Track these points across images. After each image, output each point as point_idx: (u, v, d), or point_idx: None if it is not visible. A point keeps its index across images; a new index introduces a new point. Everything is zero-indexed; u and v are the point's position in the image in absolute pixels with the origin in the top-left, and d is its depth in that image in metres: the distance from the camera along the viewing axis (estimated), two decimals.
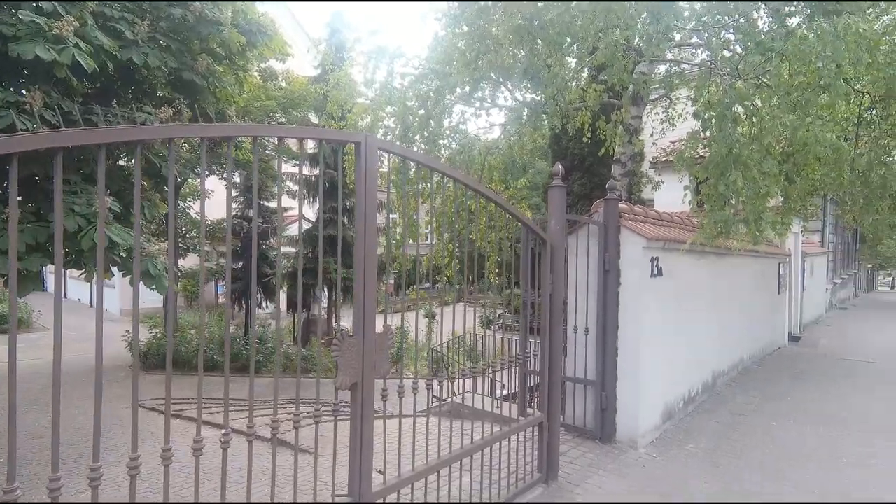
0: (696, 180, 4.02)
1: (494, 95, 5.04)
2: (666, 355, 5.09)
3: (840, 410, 6.12)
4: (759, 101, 3.76)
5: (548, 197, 3.56)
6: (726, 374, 7.29)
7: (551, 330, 3.57)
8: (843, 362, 9.32)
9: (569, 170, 9.82)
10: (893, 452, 4.76)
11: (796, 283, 12.11)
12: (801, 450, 4.78)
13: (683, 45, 4.54)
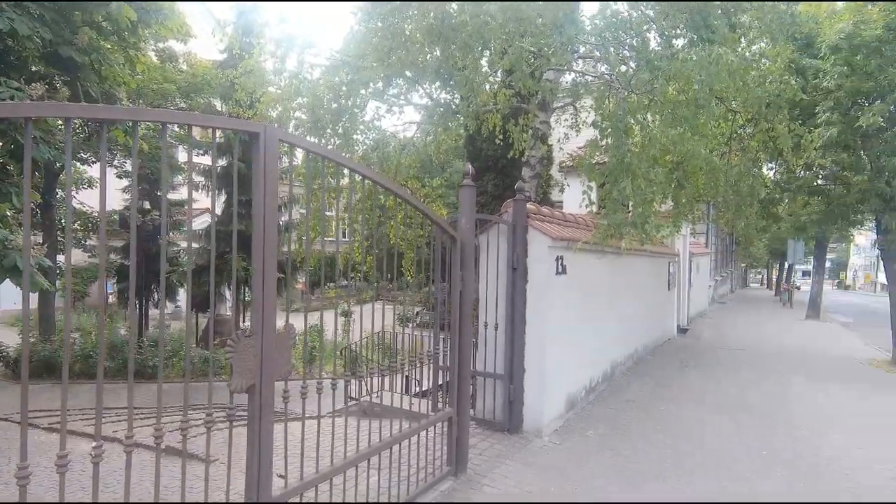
0: (595, 185, 4.33)
1: (409, 93, 5.05)
2: (569, 348, 5.40)
3: (715, 392, 6.88)
4: (650, 115, 4.13)
5: (458, 196, 3.64)
6: (623, 364, 7.89)
7: (461, 326, 3.65)
8: (721, 350, 10.49)
9: (483, 170, 10.10)
10: (750, 427, 5.44)
11: (684, 280, 13.39)
12: (681, 427, 5.30)
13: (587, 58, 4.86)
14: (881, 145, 7.99)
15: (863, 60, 7.62)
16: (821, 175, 9.46)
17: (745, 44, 5.69)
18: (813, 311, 17.66)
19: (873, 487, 4.04)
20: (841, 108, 8.11)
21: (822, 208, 9.33)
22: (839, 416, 6.06)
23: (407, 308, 9.76)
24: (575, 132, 6.30)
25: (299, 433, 2.54)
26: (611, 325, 7.09)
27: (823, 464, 4.50)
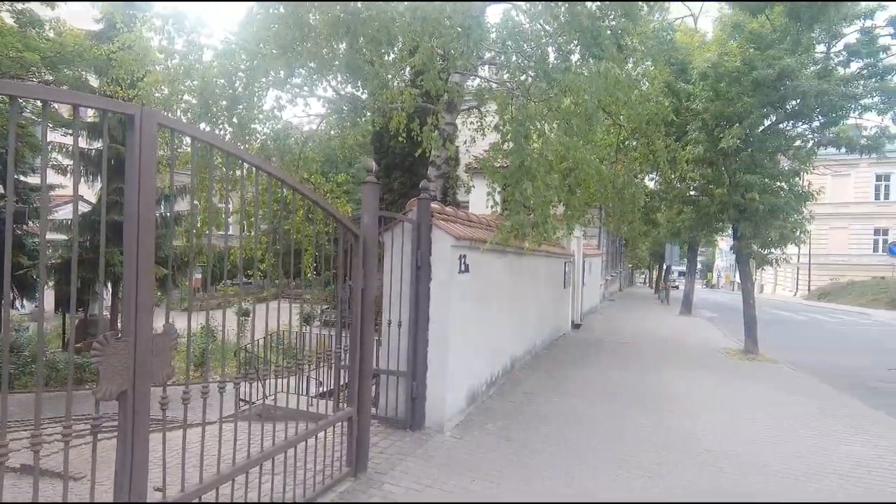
0: (498, 187, 4.52)
1: (313, 84, 4.88)
2: (472, 344, 5.57)
3: (602, 382, 7.49)
4: (547, 123, 4.41)
5: (362, 193, 3.59)
6: (522, 359, 8.31)
7: (362, 324, 3.62)
8: (610, 343, 11.43)
9: (390, 168, 10.08)
10: (631, 413, 6.00)
11: (578, 279, 14.40)
12: (573, 417, 5.70)
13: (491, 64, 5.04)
14: (738, 163, 9.26)
15: (725, 88, 8.76)
16: (692, 187, 10.73)
17: (631, 64, 6.28)
18: (685, 308, 19.88)
19: (726, 457, 4.65)
20: (707, 129, 9.26)
21: (693, 216, 10.60)
22: (702, 399, 6.87)
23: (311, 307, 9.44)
24: (481, 135, 6.53)
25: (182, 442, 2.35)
26: (511, 322, 7.42)
27: (689, 442, 5.08)
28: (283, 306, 3.24)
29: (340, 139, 6.60)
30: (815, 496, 3.95)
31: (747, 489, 4.03)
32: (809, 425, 5.80)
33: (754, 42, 8.22)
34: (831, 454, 4.88)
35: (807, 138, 9.66)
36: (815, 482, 4.21)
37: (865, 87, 8.59)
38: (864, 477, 4.37)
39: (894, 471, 4.52)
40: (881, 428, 5.80)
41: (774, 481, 4.20)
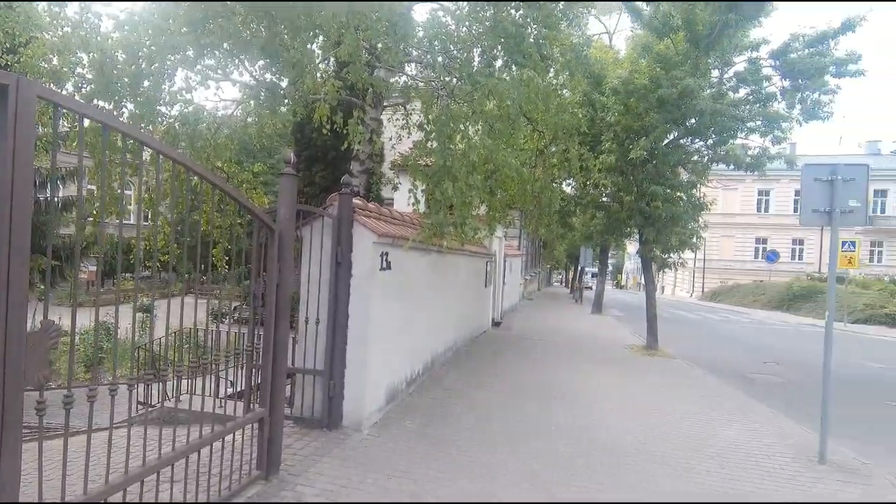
0: (420, 185, 4.54)
1: (226, 67, 4.58)
2: (392, 341, 5.55)
3: (519, 377, 7.80)
4: (471, 124, 4.50)
5: (279, 185, 3.45)
6: (443, 356, 8.42)
7: (277, 321, 3.48)
8: (528, 341, 11.90)
9: (311, 160, 9.78)
10: (544, 406, 6.30)
11: (499, 278, 14.85)
12: (490, 411, 5.87)
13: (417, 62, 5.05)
14: (644, 174, 10.07)
15: (635, 103, 9.48)
16: (604, 194, 11.49)
17: (552, 74, 6.58)
18: (596, 307, 21.17)
19: (629, 445, 5.01)
20: (618, 140, 9.98)
21: (605, 221, 11.37)
22: (608, 393, 7.36)
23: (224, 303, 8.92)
24: (407, 133, 6.53)
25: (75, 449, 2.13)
26: (433, 319, 7.49)
27: (597, 433, 5.42)
28: (191, 302, 3.04)
29: (258, 127, 6.28)
30: (700, 478, 4.37)
31: (647, 475, 4.38)
32: (696, 413, 6.41)
33: (660, 62, 8.97)
34: (714, 438, 5.43)
35: (703, 154, 10.69)
36: (698, 464, 4.67)
37: (750, 112, 9.67)
38: (739, 458, 4.91)
39: (765, 452, 5.12)
40: (756, 415, 6.54)
41: (670, 466, 4.60)
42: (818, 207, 5.10)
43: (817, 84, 8.87)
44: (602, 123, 10.22)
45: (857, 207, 5.03)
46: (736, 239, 41.53)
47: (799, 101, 9.24)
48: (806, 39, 8.98)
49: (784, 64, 9.18)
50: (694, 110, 8.82)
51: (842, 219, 5.05)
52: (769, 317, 25.19)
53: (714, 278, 40.40)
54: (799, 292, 28.38)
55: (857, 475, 4.59)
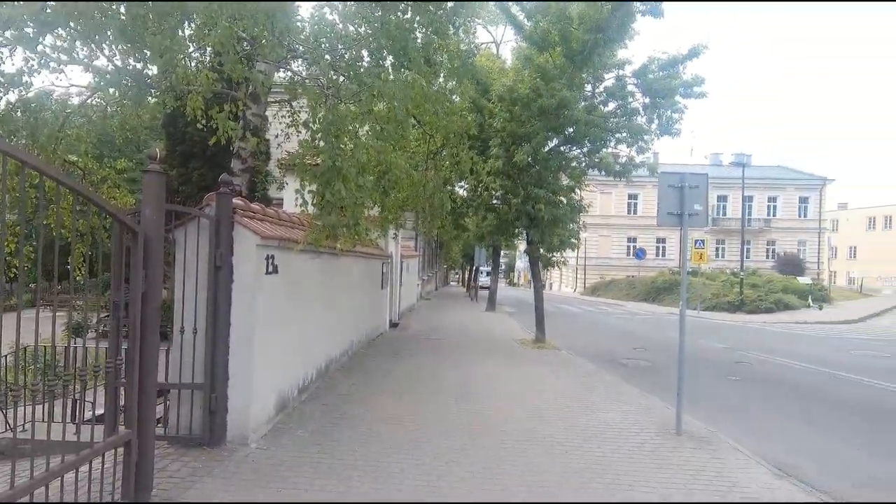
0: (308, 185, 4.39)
1: (74, 49, 3.97)
2: (281, 348, 5.31)
3: (415, 376, 7.87)
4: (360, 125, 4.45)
5: (143, 183, 3.14)
6: (339, 360, 8.23)
7: (144, 333, 3.16)
8: (425, 340, 12.07)
9: (187, 157, 8.99)
10: (439, 403, 6.45)
11: (396, 279, 14.87)
12: (385, 413, 5.86)
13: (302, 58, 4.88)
14: (529, 178, 10.75)
15: (519, 111, 10.08)
16: (495, 196, 12.07)
17: (442, 79, 6.76)
18: (490, 305, 22.11)
19: (516, 433, 5.30)
20: (505, 145, 10.55)
21: (495, 222, 11.93)
22: (499, 384, 7.72)
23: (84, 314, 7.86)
24: (295, 132, 6.28)
25: None
26: (326, 323, 7.29)
27: (487, 424, 5.66)
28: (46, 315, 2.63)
29: (120, 118, 5.60)
30: (579, 456, 4.77)
31: (533, 457, 4.67)
32: (577, 398, 6.98)
33: (540, 74, 9.65)
34: (591, 420, 5.96)
35: (580, 160, 11.69)
36: (578, 444, 5.09)
37: (618, 124, 10.78)
38: (612, 435, 5.44)
39: (633, 428, 5.73)
40: (627, 395, 7.28)
41: (553, 447, 4.95)
42: (672, 210, 5.82)
43: (670, 103, 10.15)
44: (490, 129, 10.73)
45: (701, 210, 5.83)
46: (612, 238, 45.95)
47: (657, 117, 10.51)
48: (660, 63, 10.23)
49: (644, 83, 10.38)
50: (570, 120, 9.63)
51: (690, 220, 5.81)
52: (639, 308, 28.19)
53: (594, 274, 44.27)
54: (662, 285, 32.12)
55: (705, 442, 5.31)
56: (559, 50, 9.41)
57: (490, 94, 10.47)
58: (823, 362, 11.07)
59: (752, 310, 24.31)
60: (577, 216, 12.15)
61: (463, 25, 5.53)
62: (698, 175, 5.89)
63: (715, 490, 4.13)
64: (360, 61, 4.33)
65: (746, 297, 25.11)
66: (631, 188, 40.94)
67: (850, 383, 9.08)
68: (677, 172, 5.97)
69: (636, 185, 39.83)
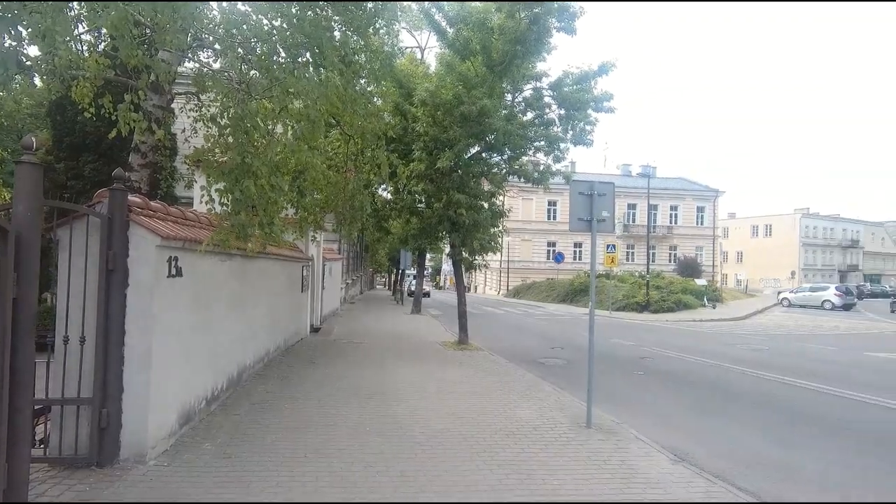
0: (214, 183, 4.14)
1: None
2: (185, 357, 4.96)
3: (336, 381, 7.67)
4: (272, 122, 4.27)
5: (15, 175, 2.79)
6: (253, 368, 7.84)
7: (16, 344, 2.81)
8: (347, 345, 11.81)
9: (78, 149, 8.12)
10: (358, 408, 6.34)
11: (318, 283, 14.46)
12: (301, 420, 5.66)
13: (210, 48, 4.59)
14: (451, 183, 10.92)
15: (441, 116, 10.22)
16: (418, 200, 12.11)
17: (364, 80, 6.68)
18: (416, 308, 22.14)
19: (433, 434, 5.34)
20: (428, 150, 10.65)
21: (419, 226, 11.99)
22: (421, 387, 7.73)
23: None
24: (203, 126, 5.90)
25: None
26: (239, 329, 6.92)
27: (405, 427, 5.64)
28: None
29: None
30: (497, 453, 4.89)
31: (452, 456, 4.71)
32: (496, 397, 7.17)
33: (462, 82, 9.86)
34: (508, 418, 6.14)
35: (501, 167, 12.05)
36: (496, 442, 5.23)
37: (536, 133, 11.26)
38: (528, 431, 5.64)
39: (548, 423, 5.98)
40: (543, 393, 7.58)
41: (472, 446, 5.04)
42: (582, 216, 6.17)
43: (583, 115, 10.78)
44: (413, 133, 10.77)
45: (608, 217, 6.24)
46: (533, 242, 47.87)
47: (571, 128, 11.11)
48: (574, 77, 10.84)
49: (559, 95, 10.93)
50: (491, 128, 9.91)
51: (599, 226, 6.19)
52: (558, 309, 29.52)
53: (516, 277, 45.81)
54: (579, 287, 33.89)
55: (612, 433, 5.67)
56: (480, 59, 9.67)
57: (413, 99, 10.52)
58: (715, 356, 12.22)
59: (657, 309, 26.33)
60: (498, 221, 12.50)
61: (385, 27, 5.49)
62: (606, 184, 6.29)
63: (621, 478, 4.41)
64: (273, 56, 4.15)
65: (652, 297, 27.16)
66: (550, 195, 42.87)
67: (735, 373, 10.10)
68: (587, 181, 6.34)
69: (555, 193, 41.77)
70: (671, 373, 10.05)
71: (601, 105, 10.77)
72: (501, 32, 9.25)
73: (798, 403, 7.74)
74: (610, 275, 30.94)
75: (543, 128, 11.26)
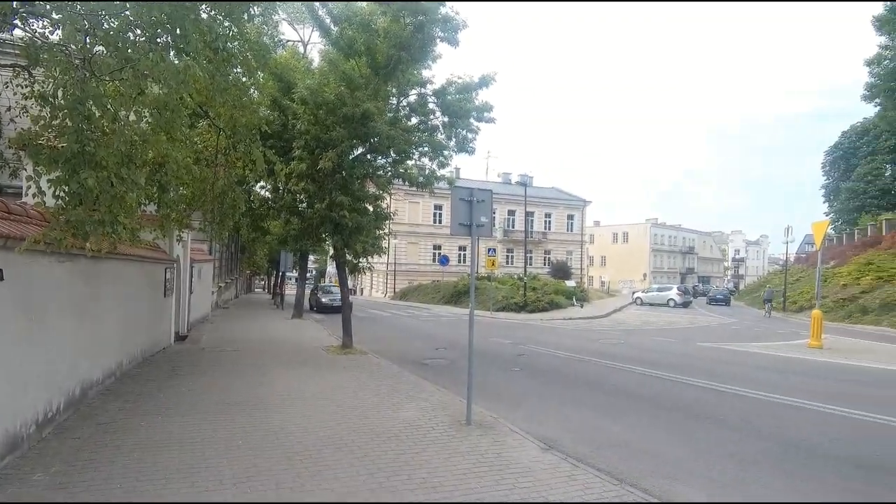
0: (44, 172, 3.55)
1: None
2: (5, 374, 4.20)
3: (204, 394, 7.03)
4: (123, 107, 3.77)
5: None
6: (101, 384, 6.90)
7: None
8: (219, 352, 10.89)
9: None
10: (227, 420, 5.89)
11: (184, 286, 13.15)
12: (157, 439, 5.09)
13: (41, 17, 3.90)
14: (333, 184, 10.62)
15: (323, 116, 9.91)
16: (299, 199, 11.60)
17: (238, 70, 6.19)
18: (297, 311, 21.15)
19: (312, 445, 5.14)
20: (309, 149, 10.25)
21: (300, 226, 11.44)
22: (300, 395, 7.41)
23: None
24: (36, 104, 5.02)
25: None
26: (83, 340, 6.05)
27: (281, 439, 5.36)
28: None
29: None
30: (378, 458, 4.86)
31: (332, 465, 4.58)
32: (379, 401, 7.13)
33: (346, 82, 9.67)
34: (392, 420, 6.15)
35: (386, 170, 12.03)
36: (378, 446, 5.19)
37: (420, 138, 11.44)
38: (411, 432, 5.69)
39: (430, 423, 6.09)
40: (426, 393, 7.71)
41: (353, 452, 4.94)
42: (463, 221, 6.40)
43: (465, 124, 11.21)
44: (293, 130, 10.29)
45: (487, 222, 6.55)
46: (419, 245, 48.55)
47: (454, 136, 11.48)
48: (457, 86, 11.23)
49: (443, 103, 11.24)
50: (375, 131, 9.85)
51: (478, 231, 6.47)
52: (444, 310, 30.24)
53: (403, 279, 46.06)
54: (463, 289, 35.01)
55: (490, 428, 5.94)
56: (365, 60, 9.57)
57: (294, 94, 10.04)
58: (581, 350, 13.46)
59: (533, 309, 28.23)
60: (383, 223, 12.46)
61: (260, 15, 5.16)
62: (484, 191, 6.61)
63: (497, 470, 4.65)
64: (127, 33, 3.67)
65: (529, 298, 29.06)
66: (436, 199, 43.84)
67: (597, 366, 11.23)
68: (467, 188, 6.60)
69: (441, 197, 42.83)
70: (543, 368, 10.84)
71: (483, 115, 11.29)
72: (386, 36, 9.25)
73: (647, 390, 8.83)
74: (491, 277, 32.52)
75: (428, 133, 11.48)
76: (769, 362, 12.28)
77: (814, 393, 8.47)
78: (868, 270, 26.61)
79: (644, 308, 36.16)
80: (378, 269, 45.92)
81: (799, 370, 11.22)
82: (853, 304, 24.79)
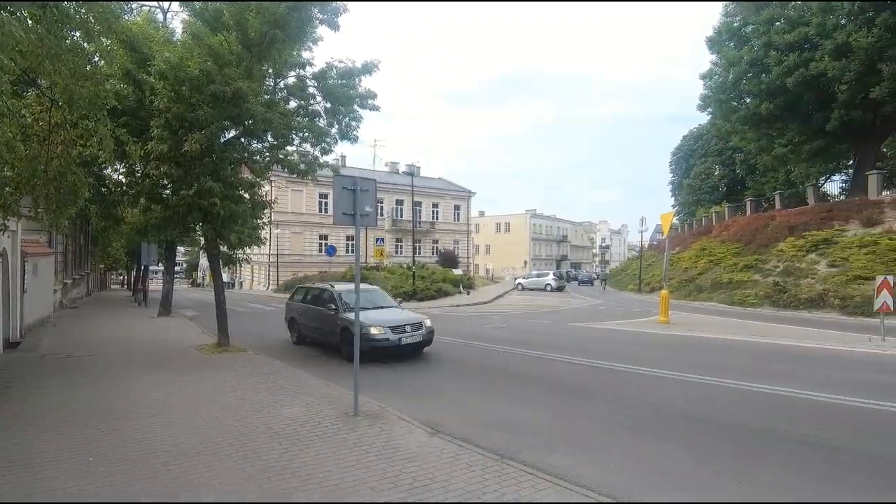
0: None
1: None
2: None
3: (35, 411, 6.02)
4: None
5: None
6: None
7: None
8: (64, 361, 9.42)
9: None
10: (73, 437, 5.17)
11: (15, 284, 11.16)
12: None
13: None
14: (202, 168, 9.56)
15: (187, 93, 8.87)
16: (161, 185, 10.31)
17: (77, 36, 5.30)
18: (164, 309, 19.08)
19: (185, 450, 4.70)
20: (171, 129, 9.10)
21: (162, 215, 10.15)
22: (170, 400, 6.70)
23: None
24: None
25: None
26: None
27: (149, 450, 4.82)
28: None
29: None
30: (260, 457, 4.58)
31: (207, 471, 4.22)
32: (260, 399, 6.73)
33: (213, 57, 8.75)
34: (275, 418, 5.85)
35: (264, 155, 11.23)
36: (260, 446, 4.91)
37: (300, 124, 10.87)
38: (295, 428, 5.48)
39: (316, 418, 5.90)
40: (312, 388, 7.43)
41: (231, 455, 4.60)
42: (346, 211, 6.24)
43: (348, 111, 10.89)
44: (152, 107, 9.10)
45: (371, 212, 6.46)
46: (304, 235, 46.48)
47: (337, 122, 11.10)
48: (338, 71, 10.85)
49: (325, 87, 10.79)
50: (249, 113, 9.11)
51: (362, 220, 6.36)
52: None
53: (288, 271, 43.83)
54: (351, 279, 34.38)
55: (378, 417, 5.93)
56: (235, 35, 8.79)
57: (150, 67, 8.84)
58: (466, 336, 13.98)
59: (423, 297, 28.68)
60: (262, 212, 11.66)
61: None
62: (368, 180, 6.51)
63: (385, 458, 4.66)
64: None
65: (418, 287, 29.44)
66: (321, 187, 42.29)
67: (481, 349, 11.76)
68: (350, 176, 6.45)
69: (326, 185, 41.26)
70: (432, 353, 11.08)
71: (366, 102, 11.05)
72: (259, 11, 8.58)
73: (525, 369, 9.46)
74: (380, 267, 32.32)
75: (308, 119, 10.96)
76: (629, 338, 13.88)
77: (667, 363, 9.75)
78: (703, 255, 31.25)
79: (525, 293, 38.69)
80: (259, 260, 43.16)
81: (652, 343, 12.85)
82: (692, 283, 28.95)
